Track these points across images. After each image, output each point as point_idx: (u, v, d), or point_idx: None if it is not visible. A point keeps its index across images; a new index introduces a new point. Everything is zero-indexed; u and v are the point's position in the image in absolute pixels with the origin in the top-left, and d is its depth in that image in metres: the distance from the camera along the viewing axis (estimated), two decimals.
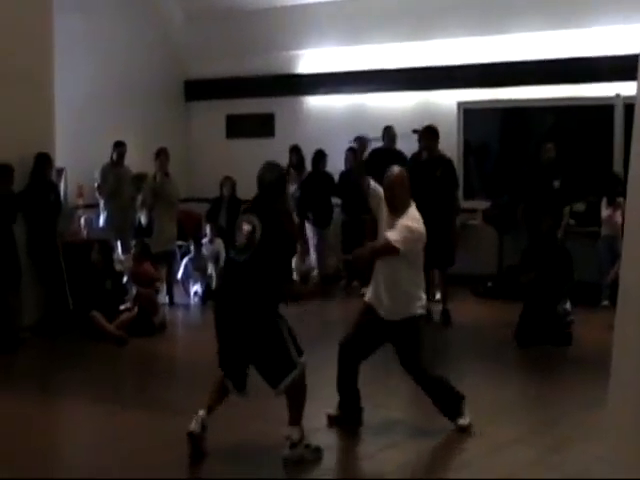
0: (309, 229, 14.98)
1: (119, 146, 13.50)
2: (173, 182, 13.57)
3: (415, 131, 13.00)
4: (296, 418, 6.56)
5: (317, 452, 6.63)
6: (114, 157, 13.46)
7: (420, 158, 12.30)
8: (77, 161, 14.41)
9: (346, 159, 15.12)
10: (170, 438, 7.04)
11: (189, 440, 6.53)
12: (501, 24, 14.83)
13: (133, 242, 12.89)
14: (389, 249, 6.99)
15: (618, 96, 13.93)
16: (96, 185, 13.68)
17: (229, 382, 6.73)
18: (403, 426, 7.20)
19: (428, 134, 12.07)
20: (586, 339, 10.47)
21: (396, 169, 7.34)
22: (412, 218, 7.12)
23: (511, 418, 7.63)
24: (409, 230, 7.02)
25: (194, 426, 6.55)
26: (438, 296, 12.20)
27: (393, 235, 6.98)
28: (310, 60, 16.82)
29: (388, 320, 7.11)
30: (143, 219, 13.55)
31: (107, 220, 13.52)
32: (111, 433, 7.49)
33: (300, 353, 6.57)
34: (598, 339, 10.14)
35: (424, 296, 7.35)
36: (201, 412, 6.64)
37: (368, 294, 7.36)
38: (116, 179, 13.36)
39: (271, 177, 6.74)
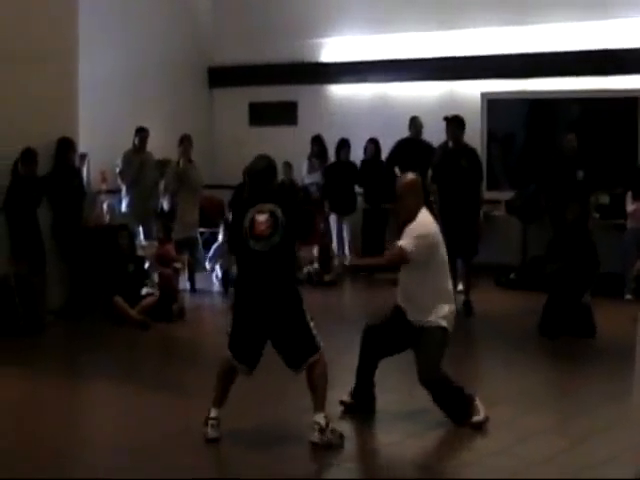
0: (331, 218, 14.98)
1: (141, 132, 13.47)
2: (197, 168, 13.58)
3: (446, 118, 12.97)
4: (322, 403, 6.60)
5: (341, 438, 6.64)
6: (136, 143, 13.44)
7: (447, 148, 12.26)
8: (100, 147, 14.42)
9: (366, 149, 15.11)
10: (190, 422, 7.06)
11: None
12: (527, 15, 14.80)
13: (155, 227, 12.97)
14: (398, 257, 6.97)
15: None
16: (118, 171, 13.66)
17: (239, 364, 6.72)
18: (427, 415, 7.15)
19: (455, 124, 12.03)
20: (610, 331, 10.42)
21: (408, 176, 7.34)
22: (421, 224, 7.04)
23: (537, 408, 7.60)
24: (418, 236, 6.94)
25: (210, 432, 6.62)
26: (461, 287, 12.15)
27: (401, 242, 6.96)
28: (335, 48, 16.79)
29: (413, 325, 7.09)
30: (166, 205, 13.54)
31: (129, 206, 13.49)
32: (132, 415, 7.54)
33: (319, 337, 6.71)
34: (622, 331, 10.08)
35: (448, 308, 7.08)
36: (213, 413, 6.69)
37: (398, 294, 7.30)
38: (138, 165, 13.34)
39: (261, 165, 6.98)
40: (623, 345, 8.74)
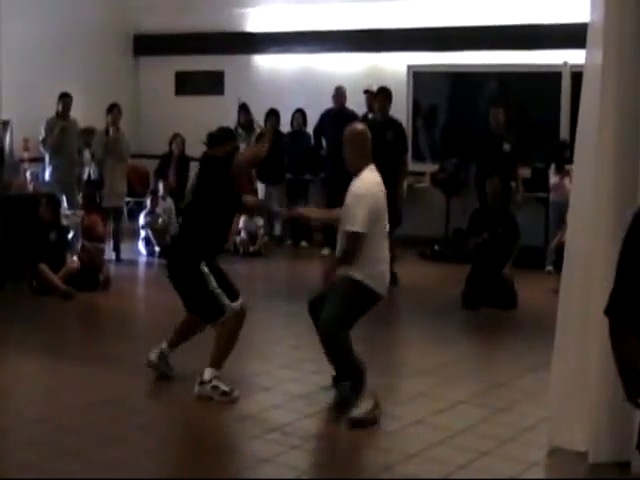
0: (259, 187, 14.95)
1: (64, 97, 13.24)
2: (125, 137, 13.47)
3: (367, 91, 13.01)
4: (213, 359, 6.93)
5: (226, 394, 6.84)
6: (59, 109, 13.24)
7: (369, 119, 12.30)
8: (23, 114, 14.23)
9: (293, 119, 15.11)
10: (114, 391, 7.10)
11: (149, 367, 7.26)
12: None
13: (80, 195, 12.85)
14: (353, 244, 6.70)
15: (566, 64, 14.04)
16: (40, 138, 13.45)
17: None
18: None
19: (382, 96, 12.06)
20: (531, 303, 10.63)
21: (355, 125, 7.23)
22: (363, 185, 6.81)
23: (457, 379, 7.71)
24: (360, 203, 6.69)
25: (152, 356, 7.25)
26: None
27: (347, 224, 6.72)
28: (261, 18, 16.72)
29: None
30: (93, 173, 13.43)
31: (52, 174, 13.28)
32: (54, 385, 7.50)
33: (233, 297, 6.95)
34: (543, 303, 10.30)
35: (377, 268, 6.84)
36: (163, 345, 7.26)
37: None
38: (61, 132, 13.14)
39: (215, 131, 7.37)
40: (544, 316, 8.93)
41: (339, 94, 14.48)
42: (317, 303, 7.01)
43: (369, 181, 6.88)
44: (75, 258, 11.37)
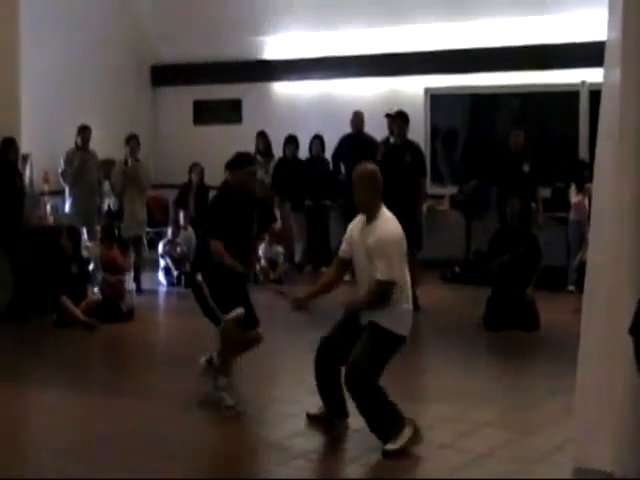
0: (277, 214, 14.95)
1: (84, 130, 13.34)
2: (145, 167, 13.51)
3: (388, 115, 13.04)
4: (221, 369, 7.47)
5: (229, 409, 7.21)
6: (79, 142, 13.31)
7: (390, 144, 12.35)
8: (43, 147, 14.29)
9: (311, 145, 15.13)
10: (141, 421, 7.11)
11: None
12: (469, 10, 14.90)
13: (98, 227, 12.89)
14: (389, 290, 6.48)
15: (584, 83, 14.03)
16: (60, 171, 13.51)
17: None
18: None
19: (400, 119, 12.10)
20: (553, 323, 10.57)
21: (362, 166, 6.92)
22: (389, 228, 6.60)
23: (481, 402, 7.67)
24: (391, 250, 6.50)
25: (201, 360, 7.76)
26: None
27: (382, 273, 6.43)
28: (277, 46, 16.79)
29: (363, 326, 6.65)
30: (113, 205, 13.48)
31: (72, 206, 13.34)
32: (78, 417, 7.49)
33: (226, 310, 7.30)
34: (565, 323, 10.24)
35: (404, 307, 6.61)
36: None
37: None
38: (81, 164, 13.19)
39: (233, 156, 7.71)
40: (567, 337, 8.89)
41: (357, 119, 14.51)
42: (329, 341, 6.81)
43: (395, 225, 6.66)
44: (96, 290, 11.40)
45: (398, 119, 12.17)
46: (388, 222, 6.64)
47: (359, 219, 6.79)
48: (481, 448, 6.44)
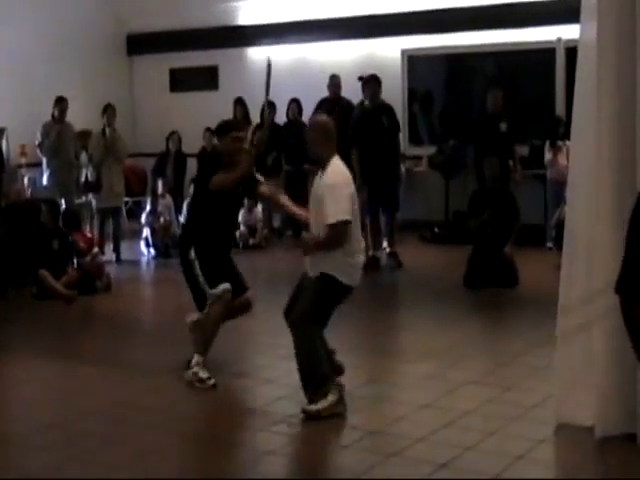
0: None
1: (60, 102, 13.24)
2: (121, 137, 13.43)
3: (361, 78, 13.00)
4: (199, 347, 7.18)
5: (202, 382, 7.03)
6: (55, 113, 13.21)
7: (365, 107, 12.37)
8: (18, 120, 14.25)
9: (288, 109, 15.06)
10: (120, 393, 7.12)
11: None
12: None
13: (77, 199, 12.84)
14: (340, 231, 6.42)
15: (559, 40, 14.01)
16: (37, 143, 13.41)
17: None
18: (349, 372, 7.17)
19: (375, 82, 12.17)
20: (532, 280, 10.65)
21: (318, 116, 6.97)
22: (337, 172, 6.54)
23: (462, 360, 7.71)
24: (340, 194, 6.40)
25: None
26: (385, 244, 12.32)
27: (329, 216, 6.37)
28: (252, 11, 16.71)
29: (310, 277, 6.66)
30: (90, 175, 13.42)
31: (50, 178, 13.23)
32: (62, 389, 7.49)
33: (213, 284, 7.10)
34: (544, 280, 10.29)
35: (348, 260, 6.48)
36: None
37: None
38: (58, 136, 13.10)
39: (219, 122, 7.54)
40: (546, 293, 8.87)
41: (334, 83, 14.44)
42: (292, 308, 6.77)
43: (342, 170, 6.59)
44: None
45: (371, 82, 12.22)
46: (335, 167, 6.55)
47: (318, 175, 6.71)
48: (462, 406, 6.47)
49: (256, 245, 13.92)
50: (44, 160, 13.34)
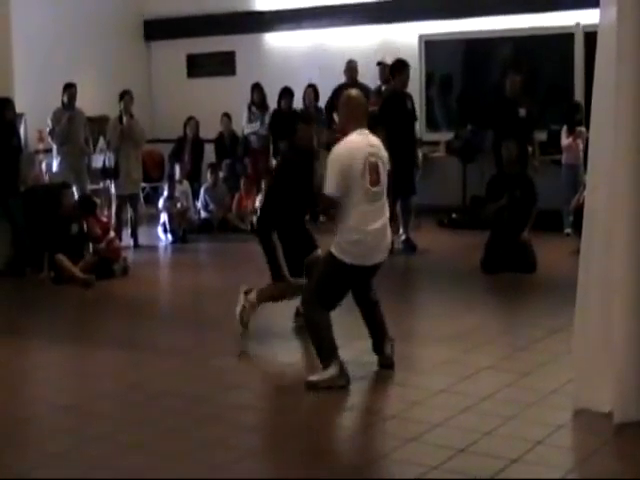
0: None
1: (69, 88, 13.13)
2: (139, 123, 13.41)
3: (380, 63, 12.99)
4: (260, 295, 7.98)
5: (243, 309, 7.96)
6: (65, 100, 13.12)
7: (383, 92, 12.36)
8: (36, 106, 14.24)
9: (305, 95, 15.01)
10: (139, 376, 7.14)
11: None
12: None
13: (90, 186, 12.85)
14: (327, 204, 6.68)
15: (578, 25, 13.94)
16: (48, 130, 13.37)
17: None
18: (369, 357, 7.18)
19: (406, 68, 12.17)
20: (550, 266, 10.62)
21: (350, 90, 7.03)
22: (337, 147, 6.61)
23: (480, 345, 7.68)
24: (331, 168, 6.48)
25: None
26: (400, 230, 12.29)
27: (325, 186, 6.56)
28: None
29: None
30: (107, 161, 13.42)
31: (61, 164, 13.15)
32: (80, 372, 7.53)
33: (294, 274, 7.70)
34: (562, 265, 10.31)
35: (350, 237, 6.52)
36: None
37: None
38: (69, 122, 13.02)
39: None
40: (564, 278, 8.92)
41: (351, 68, 14.43)
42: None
43: (344, 147, 6.58)
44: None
45: (405, 69, 12.16)
46: (342, 143, 6.62)
47: None
48: (480, 391, 6.46)
49: None
50: (54, 147, 13.28)
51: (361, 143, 6.60)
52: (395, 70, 12.26)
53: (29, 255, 11.24)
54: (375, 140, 6.73)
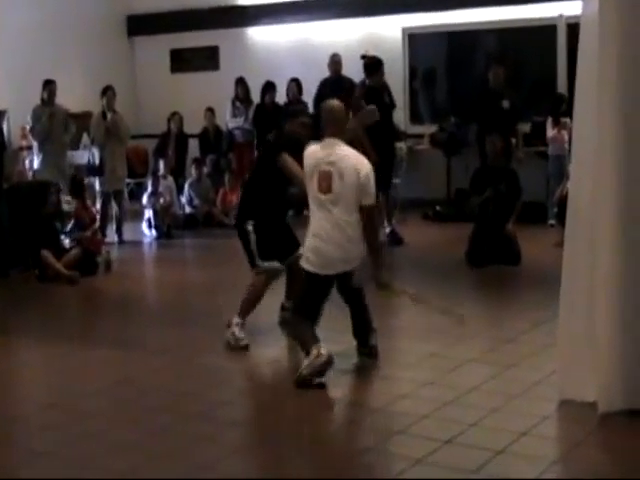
0: None
1: (49, 84, 13.09)
2: (123, 119, 13.37)
3: (363, 57, 12.96)
4: (241, 309, 7.59)
5: (237, 341, 7.48)
6: (44, 96, 13.08)
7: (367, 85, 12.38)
8: (19, 102, 14.22)
9: (288, 89, 15.00)
10: (127, 372, 7.13)
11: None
12: None
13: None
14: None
15: (561, 16, 13.98)
16: (28, 127, 13.32)
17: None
18: (352, 351, 7.19)
19: (381, 64, 12.18)
20: (535, 257, 10.65)
21: (329, 101, 7.10)
22: (361, 157, 6.80)
23: (465, 338, 7.68)
24: (372, 180, 6.67)
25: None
26: (385, 224, 12.32)
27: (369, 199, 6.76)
28: None
29: None
30: (92, 158, 13.38)
31: (43, 161, 13.12)
32: (65, 370, 7.48)
33: (265, 257, 7.50)
34: (546, 257, 10.32)
35: (308, 247, 6.78)
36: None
37: None
38: (49, 119, 12.97)
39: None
40: (548, 270, 8.95)
41: (335, 62, 14.43)
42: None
43: (311, 149, 6.93)
44: (67, 242, 11.34)
45: (380, 65, 12.17)
46: (359, 154, 6.79)
47: None
48: (465, 383, 6.48)
49: None
50: (36, 144, 13.22)
51: (318, 152, 6.74)
52: (369, 71, 12.27)
53: (13, 254, 11.17)
54: (342, 151, 6.74)
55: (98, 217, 12.46)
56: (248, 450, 5.74)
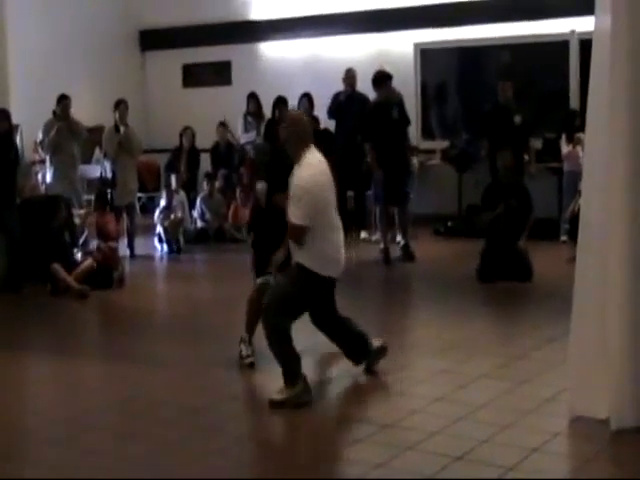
0: None
1: (63, 99, 13.13)
2: (135, 133, 13.40)
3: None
4: (245, 324, 7.52)
5: (241, 358, 7.43)
6: (58, 111, 13.10)
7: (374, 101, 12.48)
8: (33, 117, 14.23)
9: (299, 104, 15.00)
10: (137, 387, 7.12)
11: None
12: None
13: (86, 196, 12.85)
14: (298, 233, 6.50)
15: (573, 32, 13.98)
16: (38, 141, 13.35)
17: None
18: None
19: (388, 78, 12.20)
20: (547, 274, 10.62)
21: (291, 111, 7.15)
22: (302, 174, 6.52)
23: (476, 354, 7.68)
24: (300, 196, 6.44)
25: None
26: (399, 237, 12.32)
27: (291, 215, 6.49)
28: (265, 6, 16.71)
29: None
30: (104, 171, 13.41)
31: (55, 175, 13.13)
32: (74, 384, 7.50)
33: (260, 274, 7.45)
34: (558, 273, 10.30)
35: (325, 253, 6.59)
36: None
37: None
38: (58, 132, 12.92)
39: None
40: (560, 286, 8.90)
41: (350, 76, 14.41)
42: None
43: (311, 172, 6.55)
44: (79, 255, 11.37)
45: (388, 79, 12.21)
46: (306, 168, 6.56)
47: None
48: (476, 400, 6.46)
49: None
50: (47, 158, 13.24)
51: (320, 169, 6.64)
52: (375, 84, 12.29)
53: (25, 268, 11.19)
54: (321, 158, 6.73)
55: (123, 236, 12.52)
56: (257, 465, 5.73)
